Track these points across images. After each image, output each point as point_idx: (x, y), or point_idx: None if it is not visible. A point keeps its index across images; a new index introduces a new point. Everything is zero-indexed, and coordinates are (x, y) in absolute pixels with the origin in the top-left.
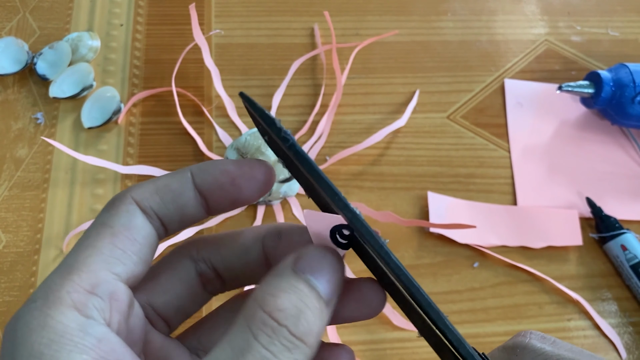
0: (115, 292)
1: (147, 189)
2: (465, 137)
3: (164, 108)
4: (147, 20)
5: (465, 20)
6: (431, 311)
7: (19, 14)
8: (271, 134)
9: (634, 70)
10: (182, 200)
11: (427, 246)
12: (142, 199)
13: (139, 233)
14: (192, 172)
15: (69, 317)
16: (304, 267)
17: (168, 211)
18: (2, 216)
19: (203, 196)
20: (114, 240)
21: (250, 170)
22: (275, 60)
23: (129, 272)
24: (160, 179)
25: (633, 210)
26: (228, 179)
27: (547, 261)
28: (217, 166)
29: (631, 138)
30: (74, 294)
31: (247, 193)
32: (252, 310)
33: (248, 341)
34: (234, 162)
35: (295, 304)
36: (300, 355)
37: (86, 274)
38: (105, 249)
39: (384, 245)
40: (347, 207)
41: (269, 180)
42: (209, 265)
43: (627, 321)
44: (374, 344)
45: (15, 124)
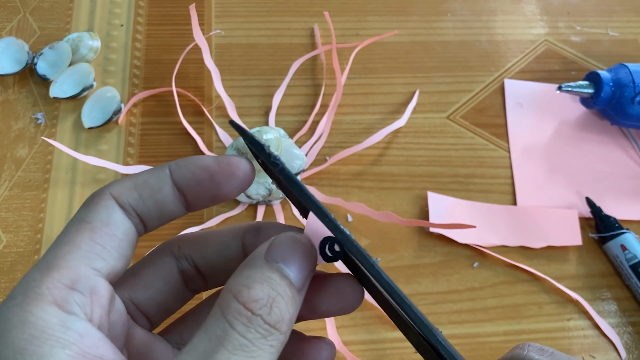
0: (96, 287)
1: (125, 185)
2: (465, 137)
3: (164, 108)
4: (147, 20)
5: (465, 20)
6: (424, 328)
7: (19, 14)
8: (262, 158)
9: (633, 71)
10: (161, 197)
11: (427, 246)
12: (120, 195)
13: (118, 229)
14: (170, 169)
15: (50, 313)
16: (275, 256)
17: (146, 207)
18: (3, 216)
19: (182, 192)
20: (93, 236)
21: (229, 167)
22: (275, 61)
23: (109, 268)
24: (138, 175)
25: (633, 210)
26: (207, 176)
27: (546, 261)
28: (196, 162)
29: (631, 138)
30: (54, 290)
31: (226, 189)
32: (227, 301)
33: (225, 330)
34: (213, 158)
35: (268, 294)
36: (275, 342)
37: (66, 270)
38: (85, 245)
39: (375, 264)
40: (338, 228)
41: (248, 177)
42: (191, 262)
43: (626, 321)
44: (374, 344)
45: (15, 124)
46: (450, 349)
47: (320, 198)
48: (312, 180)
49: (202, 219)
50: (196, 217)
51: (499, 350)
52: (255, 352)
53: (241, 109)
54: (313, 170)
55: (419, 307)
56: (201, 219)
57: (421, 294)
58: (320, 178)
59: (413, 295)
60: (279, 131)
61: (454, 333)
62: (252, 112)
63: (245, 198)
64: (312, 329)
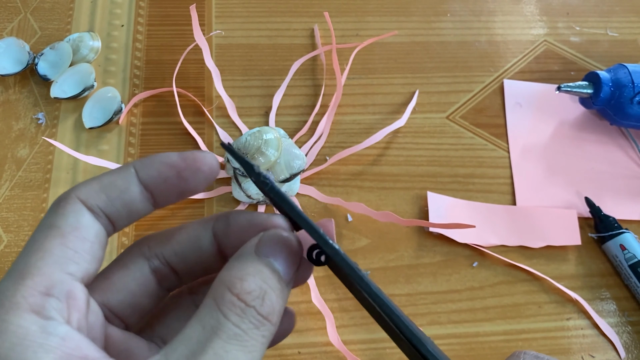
0: (72, 292)
1: (92, 187)
2: (465, 137)
3: (164, 108)
4: (147, 20)
5: (464, 21)
6: (414, 339)
7: (20, 15)
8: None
9: (632, 71)
10: (128, 197)
11: (426, 246)
12: (87, 197)
13: (88, 232)
14: (135, 168)
15: (29, 320)
16: (265, 251)
17: (115, 208)
18: (4, 216)
19: (149, 190)
20: (64, 240)
21: (195, 162)
22: (275, 61)
23: (83, 271)
24: (104, 177)
25: (632, 210)
26: (173, 172)
27: (546, 261)
28: (161, 160)
29: (630, 138)
30: (30, 298)
31: (193, 185)
32: (220, 292)
33: (219, 320)
34: (178, 155)
35: (260, 286)
36: (266, 332)
37: (39, 277)
38: (56, 250)
39: (365, 277)
40: (327, 243)
41: (214, 171)
42: (162, 260)
43: (625, 320)
44: (373, 343)
45: (16, 124)
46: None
47: (320, 198)
48: (312, 180)
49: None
50: (197, 217)
51: (498, 349)
52: (249, 341)
53: (241, 109)
54: (313, 170)
55: (418, 307)
56: None
57: (421, 294)
58: (320, 178)
59: (413, 295)
60: (279, 131)
61: (454, 332)
62: (252, 112)
63: (245, 198)
64: (313, 328)
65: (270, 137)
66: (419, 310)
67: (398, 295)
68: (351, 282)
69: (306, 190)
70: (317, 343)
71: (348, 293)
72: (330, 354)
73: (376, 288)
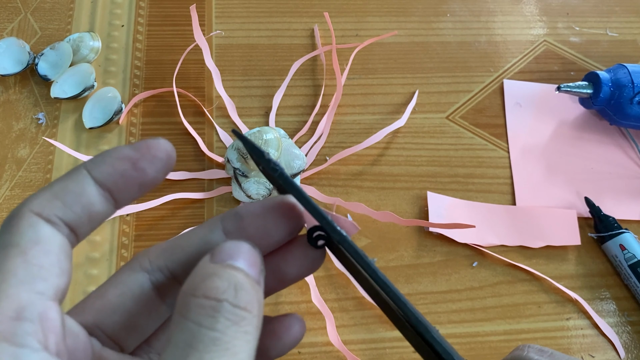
0: (44, 312)
1: (43, 197)
2: (465, 138)
3: (164, 108)
4: (148, 21)
5: (464, 21)
6: (420, 326)
7: (20, 15)
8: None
9: (632, 71)
10: (85, 199)
11: (426, 246)
12: (41, 208)
13: (51, 244)
14: (86, 168)
15: (0, 350)
16: (222, 257)
17: (74, 214)
18: (4, 216)
19: (106, 189)
20: (26, 257)
21: (149, 149)
22: (275, 61)
23: (54, 287)
24: (55, 183)
25: (632, 210)
26: (129, 165)
27: (546, 260)
28: (113, 155)
29: (630, 138)
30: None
31: (152, 174)
32: (184, 302)
33: (191, 331)
34: (130, 147)
35: (227, 280)
36: (249, 327)
37: (6, 300)
38: (19, 270)
39: (372, 263)
40: (335, 230)
41: (171, 156)
42: (166, 273)
43: (625, 320)
44: (373, 343)
45: (16, 124)
46: (446, 346)
47: (320, 198)
48: (312, 180)
49: (203, 219)
50: (197, 217)
51: (498, 349)
52: (230, 342)
53: (241, 109)
54: (313, 170)
55: (418, 306)
56: (202, 219)
57: (421, 294)
58: (320, 178)
59: (413, 295)
60: (279, 131)
61: (454, 332)
62: (252, 112)
63: (245, 198)
64: (313, 328)
65: (270, 137)
66: (419, 310)
67: None
68: (357, 270)
69: (306, 190)
70: (317, 343)
71: (348, 293)
72: (330, 354)
73: (383, 275)
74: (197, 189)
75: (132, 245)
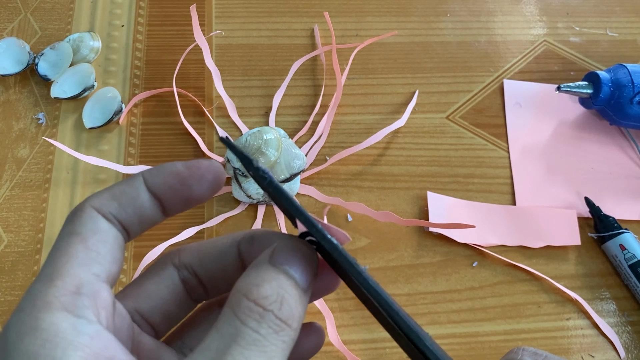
0: (99, 291)
1: (104, 196)
2: (465, 137)
3: (165, 108)
4: (148, 21)
5: (464, 21)
6: (412, 334)
7: (20, 15)
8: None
9: (632, 71)
10: (138, 204)
11: (426, 246)
12: (101, 206)
13: (107, 235)
14: (144, 177)
15: (61, 318)
16: (280, 260)
17: (127, 215)
18: (4, 216)
19: (157, 198)
20: (86, 244)
21: (198, 170)
22: (275, 61)
23: (107, 272)
24: (115, 186)
25: (632, 210)
26: (178, 180)
27: (545, 260)
28: (167, 169)
29: (630, 138)
30: (62, 297)
31: (198, 192)
32: (237, 300)
33: (237, 327)
34: (183, 164)
35: (277, 291)
36: (286, 337)
37: (68, 277)
38: (80, 254)
39: (363, 272)
40: (326, 238)
41: (219, 179)
42: (191, 271)
43: (625, 320)
44: (373, 343)
45: (16, 124)
46: (439, 354)
47: (320, 198)
48: (312, 180)
49: (203, 219)
50: (197, 217)
51: (498, 349)
52: (268, 347)
53: (242, 109)
54: (313, 170)
55: (418, 306)
56: (202, 219)
57: (421, 294)
58: (320, 178)
59: (413, 295)
60: (279, 131)
61: (453, 332)
62: (252, 112)
63: (245, 198)
64: None
65: (271, 137)
66: (419, 310)
67: (398, 295)
68: (349, 277)
69: (306, 190)
70: None
71: (348, 293)
72: (330, 354)
73: (374, 283)
74: None
75: (132, 245)
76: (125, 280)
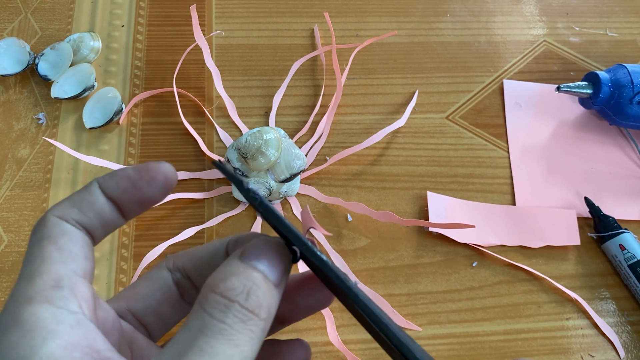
0: (77, 284)
1: (64, 205)
2: (464, 138)
3: (165, 108)
4: (148, 21)
5: (464, 21)
6: (403, 347)
7: (20, 15)
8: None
9: (632, 71)
10: (97, 207)
11: (426, 246)
12: (62, 213)
13: (75, 236)
14: (98, 182)
15: (42, 309)
16: (249, 256)
17: (88, 219)
18: (4, 216)
19: (114, 202)
20: (57, 245)
21: (148, 172)
22: (275, 61)
23: (82, 268)
24: (73, 195)
25: (631, 210)
26: (129, 184)
27: (545, 260)
28: (119, 173)
29: (629, 138)
30: (43, 292)
31: (150, 194)
32: (205, 294)
33: (204, 320)
34: (133, 168)
35: (244, 283)
36: (254, 327)
37: (47, 274)
38: (54, 254)
39: (353, 287)
40: (315, 254)
41: (169, 180)
42: (184, 274)
43: (625, 320)
44: (373, 343)
45: (17, 124)
46: None
47: (320, 198)
48: (312, 180)
49: (203, 219)
50: (197, 217)
51: (498, 349)
52: (234, 335)
53: (242, 110)
54: (313, 170)
55: (418, 306)
56: (202, 219)
57: (420, 293)
58: (320, 178)
59: (412, 295)
60: (279, 131)
61: (453, 332)
62: (252, 112)
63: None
64: (313, 328)
65: (271, 137)
66: (419, 309)
67: (398, 295)
68: (340, 292)
69: (306, 190)
70: (317, 343)
71: None
72: (330, 354)
73: (364, 297)
74: (197, 189)
75: (132, 245)
76: (125, 280)
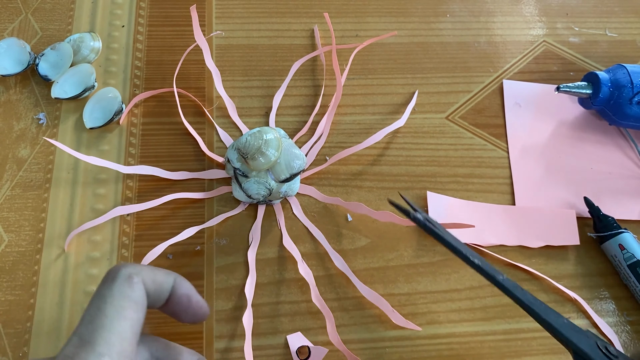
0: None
1: (145, 270)
2: (464, 138)
3: (165, 108)
4: (148, 21)
5: (464, 21)
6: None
7: (21, 15)
8: None
9: (631, 71)
10: (161, 292)
11: (426, 245)
12: (137, 272)
13: (140, 298)
14: (175, 281)
15: None
16: None
17: (154, 294)
18: (5, 216)
19: (166, 301)
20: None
21: (196, 310)
22: (275, 61)
23: (136, 325)
24: (159, 271)
25: (631, 210)
26: (184, 306)
27: (545, 260)
28: (186, 290)
29: (629, 138)
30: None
31: (184, 319)
32: None
33: None
34: (197, 300)
35: None
36: None
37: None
38: None
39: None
40: (487, 273)
41: (201, 319)
42: None
43: (624, 320)
44: (373, 342)
45: (17, 124)
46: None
47: (320, 198)
48: (312, 180)
49: (203, 219)
50: (197, 217)
51: (498, 349)
52: None
53: (242, 110)
54: (313, 170)
55: (418, 306)
56: (202, 219)
57: (420, 293)
58: (320, 178)
59: (412, 294)
60: (279, 131)
61: (453, 332)
62: (252, 112)
63: (245, 198)
64: (313, 328)
65: (271, 137)
66: (419, 309)
67: (397, 295)
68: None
69: (306, 190)
70: (317, 342)
71: (348, 292)
72: (330, 354)
73: (518, 291)
74: (197, 189)
75: (133, 245)
76: None
